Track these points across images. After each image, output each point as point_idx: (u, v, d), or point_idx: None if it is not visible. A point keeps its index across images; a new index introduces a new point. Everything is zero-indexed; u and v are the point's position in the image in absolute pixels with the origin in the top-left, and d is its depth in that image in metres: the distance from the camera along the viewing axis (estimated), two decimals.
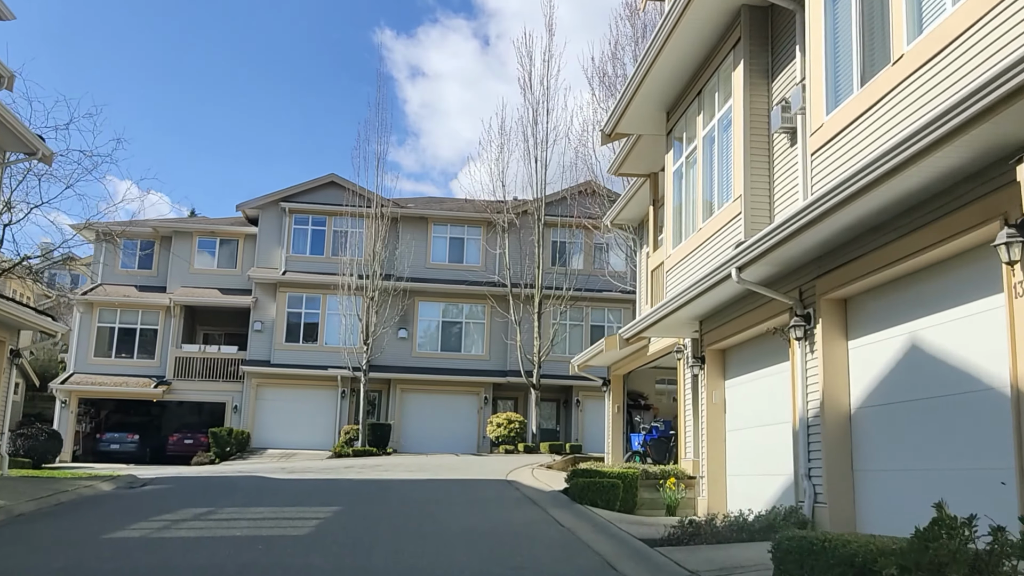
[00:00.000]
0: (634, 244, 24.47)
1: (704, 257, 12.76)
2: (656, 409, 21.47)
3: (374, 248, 33.58)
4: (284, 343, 36.10)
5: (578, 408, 36.48)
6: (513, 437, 33.46)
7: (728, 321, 12.50)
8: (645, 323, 14.53)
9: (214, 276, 37.82)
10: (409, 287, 35.09)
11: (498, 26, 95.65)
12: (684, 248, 13.78)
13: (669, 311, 13.20)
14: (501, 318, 36.57)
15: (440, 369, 36.22)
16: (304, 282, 36.25)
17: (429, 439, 35.63)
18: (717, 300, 12.12)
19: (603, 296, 36.57)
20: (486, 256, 37.50)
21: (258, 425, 35.53)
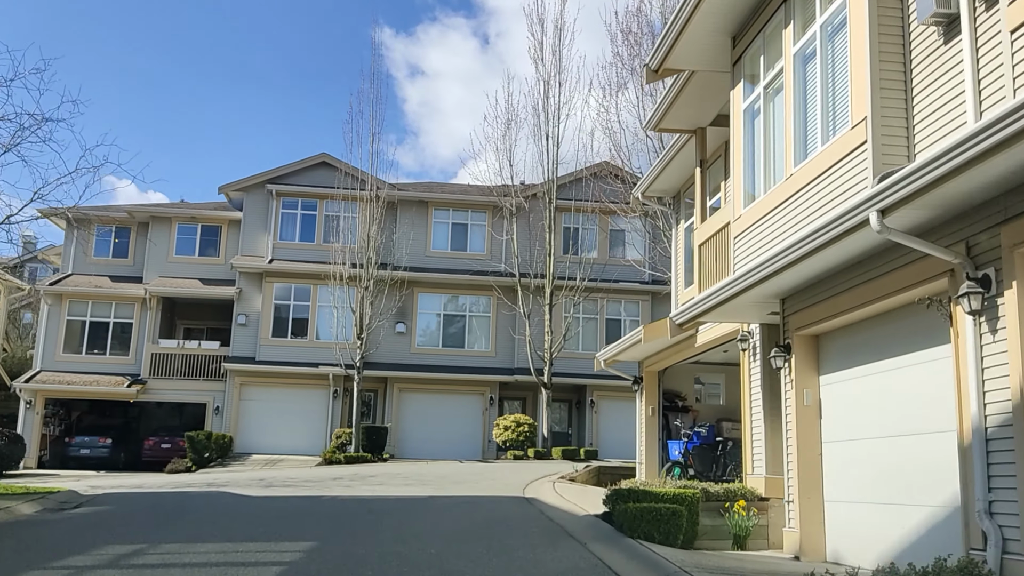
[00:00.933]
0: (667, 221, 21.41)
1: (795, 213, 9.64)
2: (695, 411, 18.43)
3: (368, 233, 30.45)
4: (271, 338, 32.96)
5: (592, 410, 33.36)
6: (522, 441, 30.35)
7: (829, 297, 9.39)
8: (707, 304, 11.42)
9: (195, 265, 34.70)
10: (407, 277, 31.98)
11: (498, 24, 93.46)
12: (762, 205, 10.66)
13: (743, 287, 10.10)
14: (508, 311, 33.44)
15: (441, 367, 33.10)
16: (293, 271, 33.12)
17: (429, 443, 32.51)
18: (820, 267, 9.02)
19: (620, 287, 33.46)
20: (492, 243, 34.38)
21: (242, 428, 32.40)
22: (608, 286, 32.75)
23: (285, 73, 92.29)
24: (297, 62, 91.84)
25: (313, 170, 34.21)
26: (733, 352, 14.21)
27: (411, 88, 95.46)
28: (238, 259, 33.36)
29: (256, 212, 34.06)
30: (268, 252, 33.60)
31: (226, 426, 32.24)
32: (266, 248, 33.70)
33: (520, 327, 32.88)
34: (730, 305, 11.15)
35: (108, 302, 33.83)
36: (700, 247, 14.83)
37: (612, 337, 33.34)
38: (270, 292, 33.19)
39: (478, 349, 33.97)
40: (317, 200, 34.04)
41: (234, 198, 34.66)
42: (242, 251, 33.82)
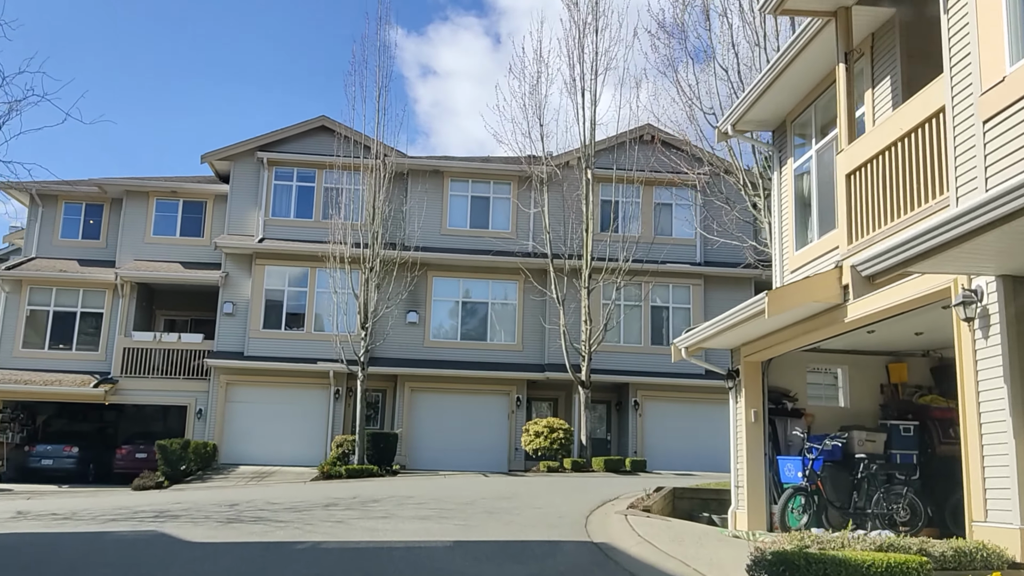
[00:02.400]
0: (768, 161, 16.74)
1: None
2: (809, 416, 13.69)
3: (374, 205, 25.76)
4: (262, 330, 28.35)
5: (636, 412, 28.58)
6: (556, 450, 25.61)
7: None
8: (923, 244, 6.66)
9: (175, 247, 30.12)
10: (420, 258, 27.28)
11: (509, 24, 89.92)
12: None
13: None
14: (537, 297, 28.72)
15: (460, 362, 28.42)
16: (288, 252, 28.50)
17: (446, 452, 27.83)
18: None
19: (668, 269, 28.67)
20: (518, 219, 29.66)
21: (228, 435, 27.80)
22: (654, 268, 27.97)
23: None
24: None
25: (311, 136, 29.61)
26: (931, 324, 9.46)
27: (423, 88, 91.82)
28: (223, 238, 28.76)
29: (245, 184, 29.47)
30: (258, 230, 29.00)
31: (210, 432, 27.65)
32: (256, 226, 29.11)
33: (552, 315, 28.16)
34: (971, 245, 6.41)
35: (75, 289, 29.31)
36: (851, 175, 10.06)
37: (658, 328, 28.60)
38: (261, 276, 28.58)
39: (503, 342, 29.27)
40: (315, 170, 29.40)
41: (220, 169, 30.07)
42: (229, 229, 29.24)
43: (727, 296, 29.09)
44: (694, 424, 28.58)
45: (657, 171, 28.09)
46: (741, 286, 29.55)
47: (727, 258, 29.78)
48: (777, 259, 13.82)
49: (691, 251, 29.61)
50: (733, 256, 29.57)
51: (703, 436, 28.35)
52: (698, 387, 28.57)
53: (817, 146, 12.58)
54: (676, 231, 29.62)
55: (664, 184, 28.87)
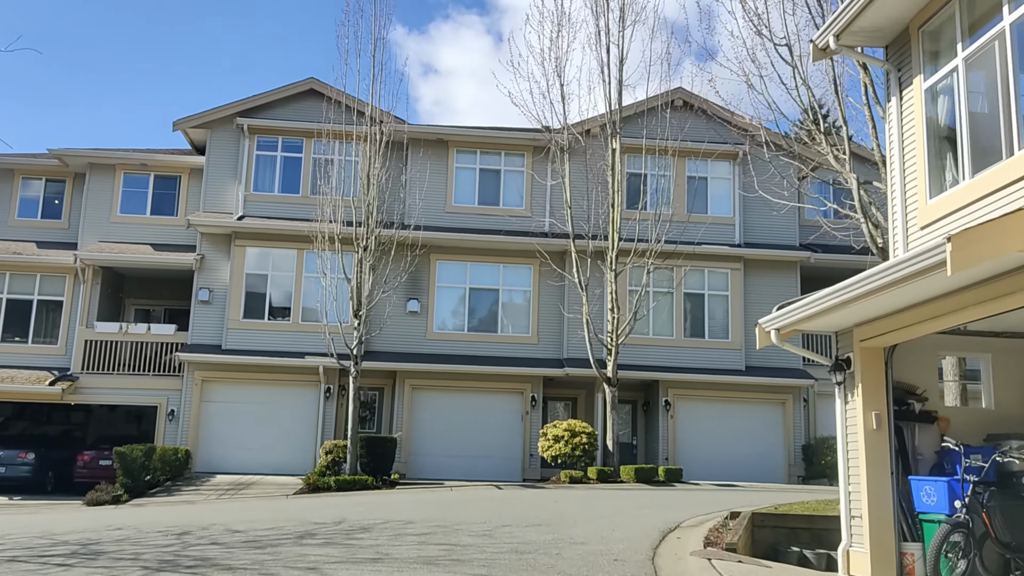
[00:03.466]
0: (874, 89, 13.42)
1: None
2: (944, 420, 10.29)
3: (368, 175, 22.32)
4: (242, 320, 24.93)
5: (668, 413, 25.14)
6: (578, 457, 22.21)
7: None
8: None
9: (145, 227, 26.73)
10: (422, 238, 23.83)
11: (511, 22, 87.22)
12: None
13: None
14: (555, 283, 25.32)
15: (467, 357, 25.02)
16: (271, 231, 25.09)
17: (452, 459, 24.47)
18: None
19: (703, 252, 25.26)
20: (533, 195, 26.25)
21: (204, 439, 24.39)
22: (689, 250, 24.53)
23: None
24: None
25: (298, 101, 26.19)
26: None
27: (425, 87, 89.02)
28: (198, 216, 25.36)
29: (223, 155, 26.04)
30: (238, 207, 25.58)
31: (182, 436, 24.24)
32: (236, 202, 25.68)
33: (573, 303, 24.76)
34: None
35: (31, 273, 25.90)
36: None
37: (692, 317, 25.21)
38: (241, 259, 25.16)
39: (515, 334, 25.85)
40: (303, 139, 25.98)
41: (195, 139, 26.65)
42: (205, 206, 25.82)
43: (770, 282, 25.76)
44: (733, 427, 25.21)
45: (694, 140, 24.68)
46: (784, 271, 26.15)
47: (769, 238, 26.38)
48: (898, 213, 10.39)
49: (729, 231, 26.19)
50: (776, 236, 26.18)
51: (743, 441, 25.03)
52: (737, 385, 25.19)
53: (968, 51, 9.15)
54: (712, 208, 26.19)
55: (699, 155, 25.43)
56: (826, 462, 23.77)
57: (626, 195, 24.91)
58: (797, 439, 25.21)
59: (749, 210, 26.44)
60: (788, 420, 25.28)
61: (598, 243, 23.87)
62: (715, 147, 25.63)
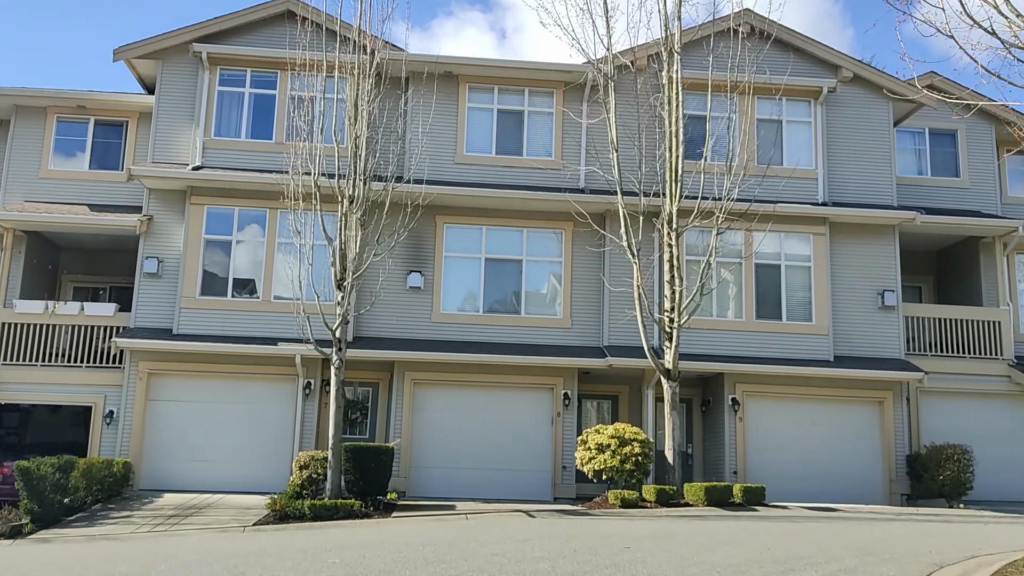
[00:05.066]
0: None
1: None
2: None
3: (356, 104, 17.06)
4: (199, 297, 19.76)
5: (735, 415, 19.95)
6: (630, 472, 17.06)
7: None
8: None
9: (84, 184, 21.59)
10: (426, 196, 18.54)
11: (514, 19, 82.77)
12: None
13: None
14: (594, 248, 20.22)
15: (483, 344, 19.89)
16: (237, 186, 19.94)
17: (464, 472, 19.45)
18: None
19: (780, 212, 20.02)
20: (564, 142, 21.07)
21: (151, 448, 19.25)
22: (764, 209, 19.32)
23: None
24: None
25: (272, 25, 20.97)
26: None
27: None
28: (143, 167, 20.20)
29: (177, 92, 20.85)
30: (196, 156, 20.39)
31: (123, 444, 19.11)
32: (193, 149, 20.49)
33: (616, 276, 19.61)
34: None
35: None
36: None
37: (769, 291, 20.12)
38: (198, 220, 19.99)
39: (544, 315, 20.70)
40: (276, 72, 20.78)
41: (144, 73, 21.46)
42: (154, 156, 20.64)
43: (861, 250, 20.79)
44: (817, 432, 20.13)
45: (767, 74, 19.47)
46: (879, 236, 21.00)
47: (859, 196, 21.22)
48: None
49: (810, 186, 20.99)
50: (867, 193, 21.03)
51: (830, 450, 20.09)
52: (823, 380, 20.10)
53: None
54: (789, 158, 20.97)
55: (774, 92, 20.21)
56: (944, 478, 18.61)
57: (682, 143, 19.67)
58: (899, 447, 20.03)
59: (834, 161, 21.26)
60: (887, 423, 20.09)
61: (650, 202, 18.68)
62: (794, 82, 20.44)
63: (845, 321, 20.50)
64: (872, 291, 20.68)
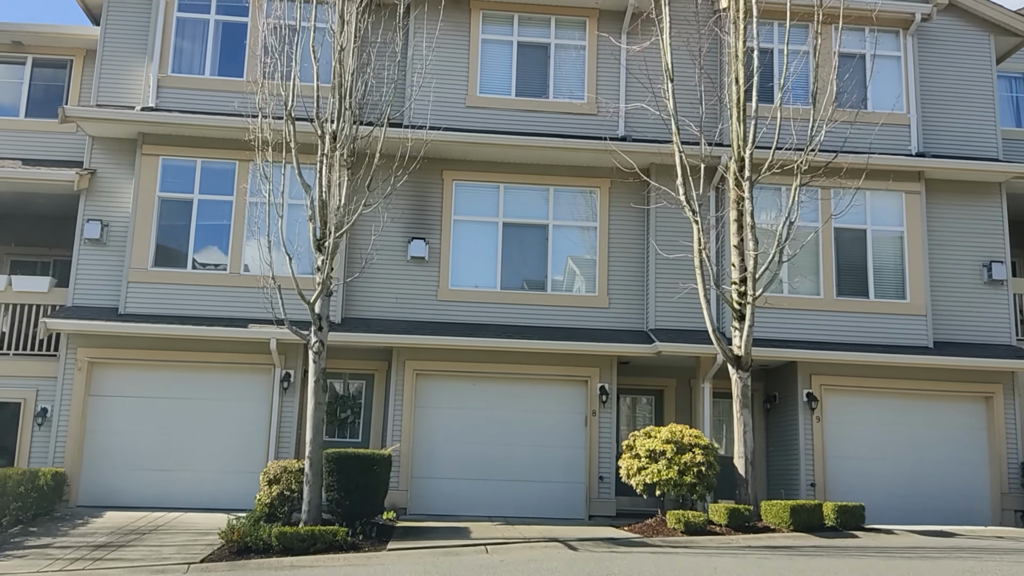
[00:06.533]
0: None
1: None
2: None
3: (341, 15, 13.24)
4: (152, 268, 16.06)
5: (811, 413, 16.21)
6: (690, 486, 13.34)
7: None
8: None
9: (19, 135, 17.93)
10: (431, 144, 14.72)
11: None
12: None
13: None
14: (638, 206, 16.55)
15: (502, 328, 16.21)
16: (200, 132, 16.23)
17: (477, 485, 15.86)
18: None
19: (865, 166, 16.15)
20: (600, 81, 17.33)
21: (93, 453, 15.58)
22: (853, 162, 15.51)
23: None
24: None
25: None
26: None
27: None
28: (81, 108, 16.55)
29: (129, 20, 17.13)
30: (150, 95, 16.65)
31: (58, 449, 15.42)
32: (146, 89, 16.76)
33: (663, 242, 15.90)
34: None
35: None
36: None
37: (852, 262, 16.45)
38: (152, 174, 16.27)
39: (574, 292, 17.00)
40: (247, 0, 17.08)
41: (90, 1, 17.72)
42: (100, 98, 16.94)
43: (962, 212, 17.07)
44: (910, 435, 16.50)
45: None
46: (983, 195, 17.24)
47: (958, 147, 17.47)
48: None
49: (900, 135, 17.23)
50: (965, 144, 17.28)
51: (926, 457, 16.25)
52: (919, 369, 16.35)
53: None
54: (875, 101, 17.21)
55: (855, 20, 16.40)
56: None
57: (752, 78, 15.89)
58: (1011, 453, 16.30)
59: (928, 105, 17.53)
60: (996, 424, 16.38)
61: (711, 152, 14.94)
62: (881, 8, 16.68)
63: (944, 299, 16.78)
64: (975, 262, 16.96)
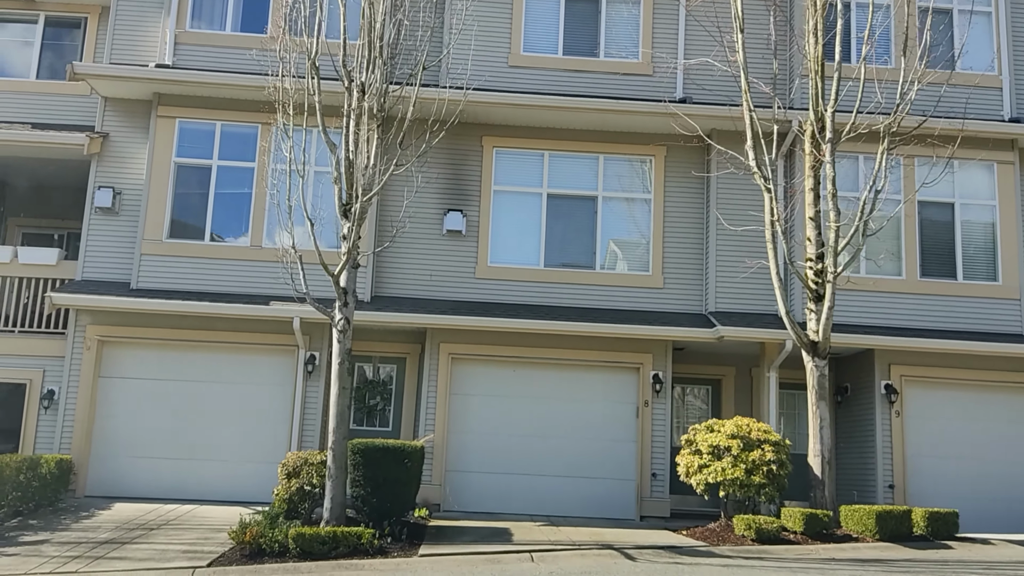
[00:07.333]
0: None
1: None
2: None
3: None
4: (167, 240, 14.81)
5: (889, 407, 14.57)
6: (759, 487, 11.81)
7: None
8: None
9: (30, 98, 16.69)
10: (469, 107, 13.30)
11: None
12: None
13: None
14: (692, 184, 15.00)
15: (545, 309, 14.78)
16: (220, 91, 14.92)
17: (516, 480, 14.48)
18: None
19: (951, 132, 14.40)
20: (655, 38, 15.75)
21: (103, 439, 14.39)
22: (943, 128, 13.79)
23: None
24: None
25: None
26: None
27: None
28: (92, 65, 15.35)
29: None
30: (166, 52, 15.37)
31: (64, 434, 14.25)
32: (162, 45, 15.49)
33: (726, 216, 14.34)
34: None
35: None
36: None
37: (937, 240, 14.74)
38: (168, 138, 14.99)
39: (626, 271, 15.49)
40: None
41: None
42: (113, 56, 15.70)
43: None
44: (1000, 432, 14.68)
45: None
46: None
47: None
48: None
49: (992, 98, 15.46)
50: None
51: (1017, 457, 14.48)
52: (1012, 359, 14.60)
53: None
54: (963, 60, 15.43)
55: None
56: None
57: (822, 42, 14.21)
58: None
59: (1021, 65, 15.73)
60: None
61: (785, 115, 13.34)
62: None
63: None
64: None
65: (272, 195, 14.06)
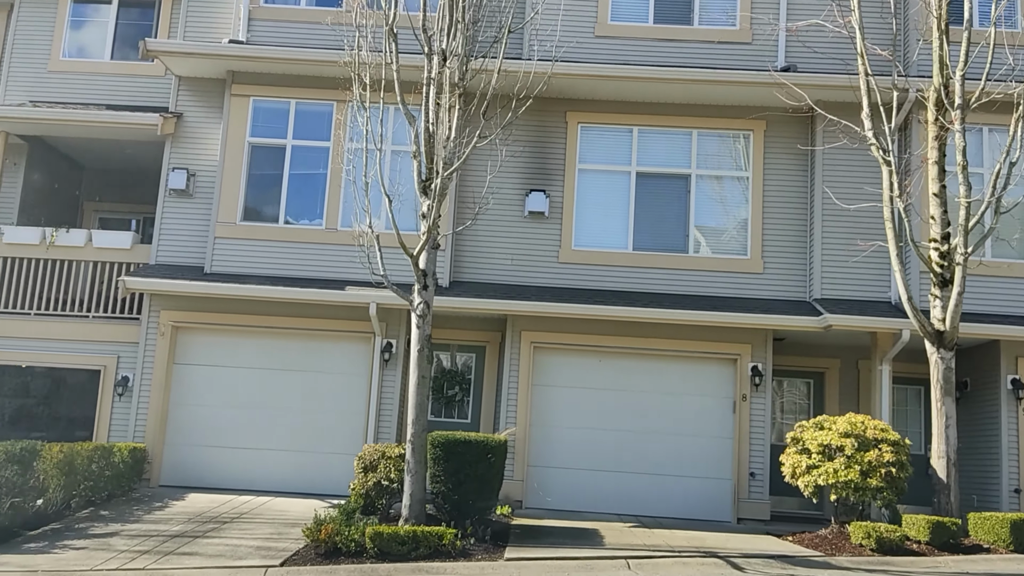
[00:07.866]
0: None
1: None
2: None
3: None
4: (239, 223, 14.31)
5: (1017, 403, 13.21)
6: (876, 490, 10.65)
7: None
8: None
9: (104, 79, 16.43)
10: (553, 80, 12.40)
11: None
12: None
13: None
14: (795, 156, 13.83)
15: (635, 295, 13.81)
16: (295, 68, 14.35)
17: (602, 477, 13.57)
18: None
19: None
20: (755, 5, 14.61)
21: (177, 428, 14.00)
22: None
23: None
24: None
25: None
26: None
27: None
28: (164, 42, 14.96)
29: None
30: (240, 29, 14.88)
31: (138, 423, 13.91)
32: (236, 22, 15.01)
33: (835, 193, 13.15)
34: None
35: None
36: None
37: None
38: (242, 117, 14.49)
39: (721, 255, 14.40)
40: None
41: None
42: (187, 34, 15.28)
43: None
44: None
45: None
46: None
47: None
48: None
49: None
50: None
51: None
52: None
53: None
54: None
55: None
56: None
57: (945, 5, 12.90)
58: None
59: None
60: None
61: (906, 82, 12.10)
62: None
63: None
64: None
65: (348, 172, 13.37)
